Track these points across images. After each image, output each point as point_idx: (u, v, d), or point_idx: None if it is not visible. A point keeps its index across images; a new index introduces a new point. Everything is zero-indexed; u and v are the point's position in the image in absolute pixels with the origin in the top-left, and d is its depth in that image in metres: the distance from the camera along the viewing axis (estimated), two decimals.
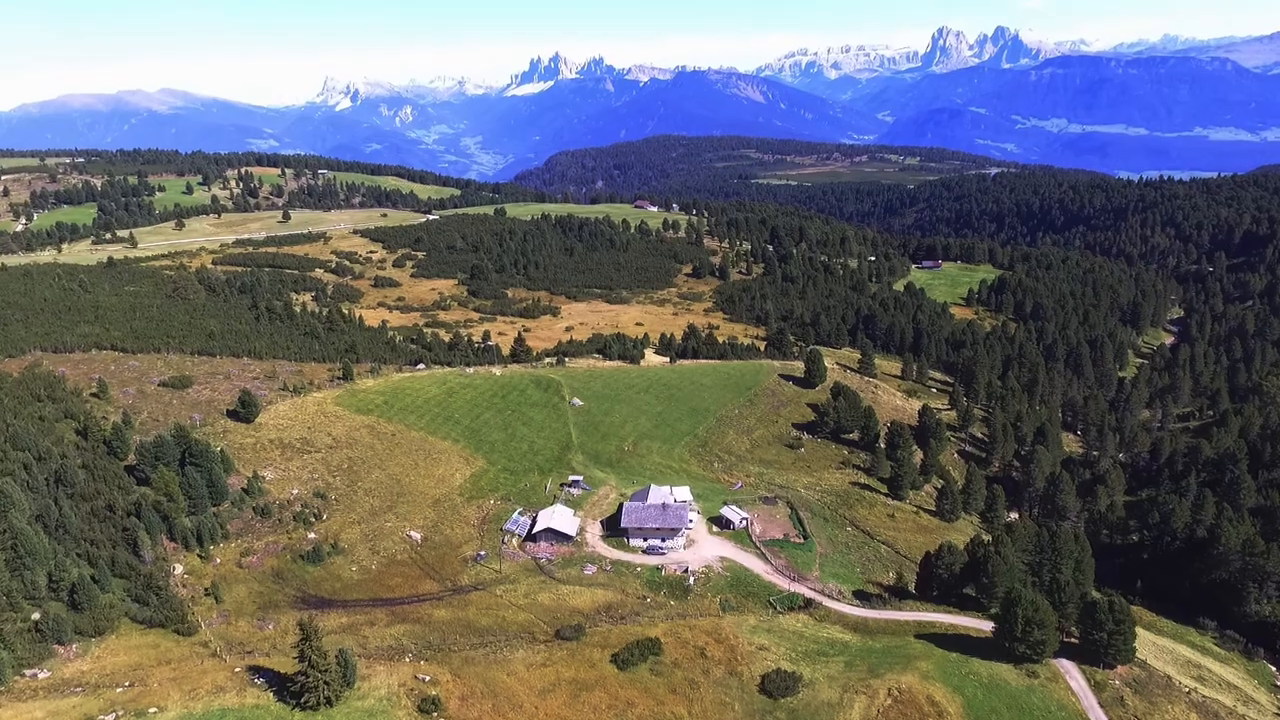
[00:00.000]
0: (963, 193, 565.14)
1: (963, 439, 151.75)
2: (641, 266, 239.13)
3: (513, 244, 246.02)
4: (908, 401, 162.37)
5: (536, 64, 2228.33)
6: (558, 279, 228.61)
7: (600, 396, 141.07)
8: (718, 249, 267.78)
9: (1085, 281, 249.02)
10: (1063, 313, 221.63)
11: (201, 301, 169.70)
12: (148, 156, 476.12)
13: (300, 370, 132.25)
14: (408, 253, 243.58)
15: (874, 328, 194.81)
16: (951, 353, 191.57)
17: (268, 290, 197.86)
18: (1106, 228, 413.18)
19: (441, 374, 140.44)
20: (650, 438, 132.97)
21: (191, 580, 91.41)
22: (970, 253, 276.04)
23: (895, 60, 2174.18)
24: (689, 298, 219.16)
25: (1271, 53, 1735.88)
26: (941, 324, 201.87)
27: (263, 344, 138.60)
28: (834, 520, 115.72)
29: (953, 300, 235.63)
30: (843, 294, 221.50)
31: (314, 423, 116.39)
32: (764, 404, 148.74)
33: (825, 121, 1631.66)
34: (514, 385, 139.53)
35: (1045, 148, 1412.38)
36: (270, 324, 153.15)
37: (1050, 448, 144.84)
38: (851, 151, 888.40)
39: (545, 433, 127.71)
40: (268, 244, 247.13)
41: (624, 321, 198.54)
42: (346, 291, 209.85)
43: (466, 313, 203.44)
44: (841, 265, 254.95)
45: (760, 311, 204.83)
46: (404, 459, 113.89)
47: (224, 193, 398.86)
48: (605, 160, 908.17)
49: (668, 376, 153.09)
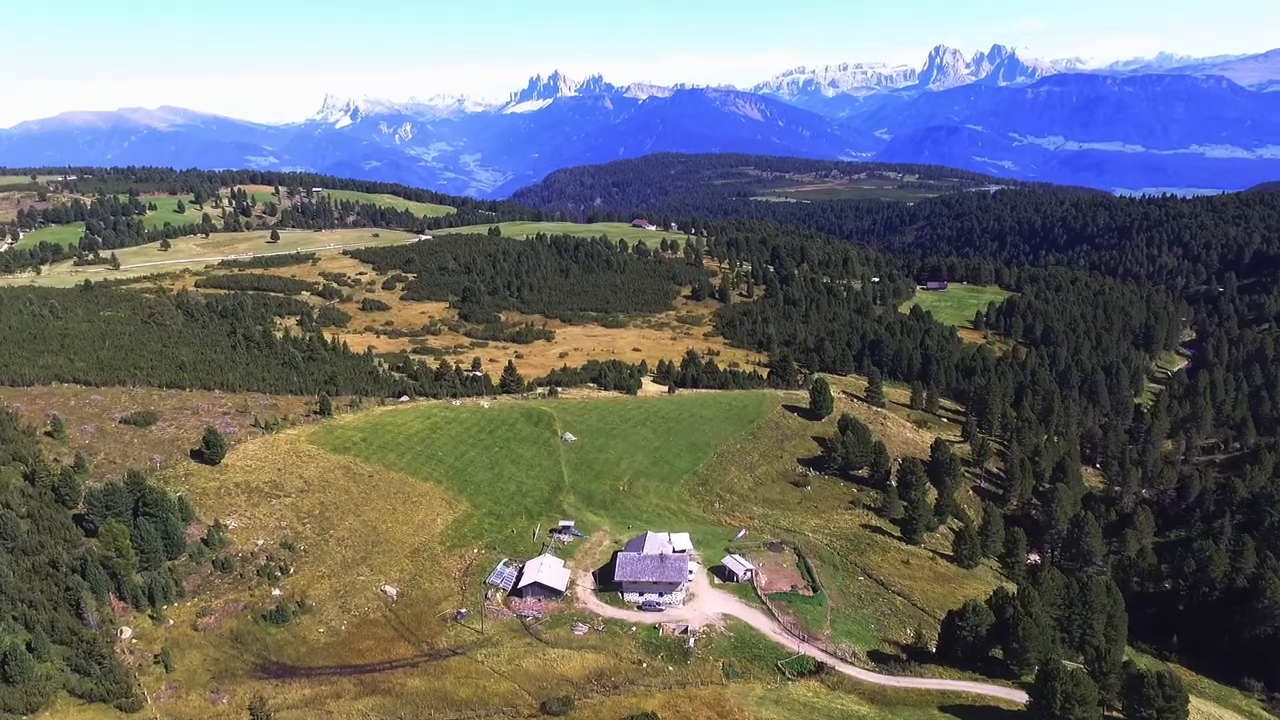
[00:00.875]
0: (963, 210, 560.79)
1: (977, 474, 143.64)
2: (639, 288, 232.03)
3: (506, 265, 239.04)
4: (918, 433, 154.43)
5: (536, 82, 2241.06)
6: (552, 301, 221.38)
7: (594, 431, 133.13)
8: (717, 270, 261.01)
9: (1096, 304, 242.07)
10: (1074, 336, 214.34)
11: (178, 328, 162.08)
12: (141, 174, 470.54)
13: (275, 404, 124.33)
14: (398, 274, 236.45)
15: (880, 353, 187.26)
16: (962, 380, 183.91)
17: (250, 315, 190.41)
18: (1111, 246, 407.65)
19: (426, 407, 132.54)
20: (647, 476, 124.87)
21: (140, 645, 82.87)
22: (976, 273, 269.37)
23: (892, 78, 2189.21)
24: (688, 321, 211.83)
25: (1266, 71, 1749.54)
26: (950, 349, 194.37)
27: (237, 375, 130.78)
28: (845, 568, 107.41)
29: (960, 323, 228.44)
30: (847, 317, 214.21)
31: (285, 464, 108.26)
32: (767, 438, 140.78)
33: (823, 139, 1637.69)
34: (503, 419, 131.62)
35: (1042, 165, 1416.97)
36: (247, 353, 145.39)
37: (1071, 484, 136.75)
38: (850, 169, 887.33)
39: (535, 471, 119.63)
40: (254, 265, 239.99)
41: (620, 346, 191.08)
42: (333, 315, 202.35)
43: (457, 337, 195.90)
44: (845, 287, 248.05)
45: (762, 336, 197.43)
46: (381, 503, 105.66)
47: (216, 211, 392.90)
48: (604, 178, 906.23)
49: (666, 408, 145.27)
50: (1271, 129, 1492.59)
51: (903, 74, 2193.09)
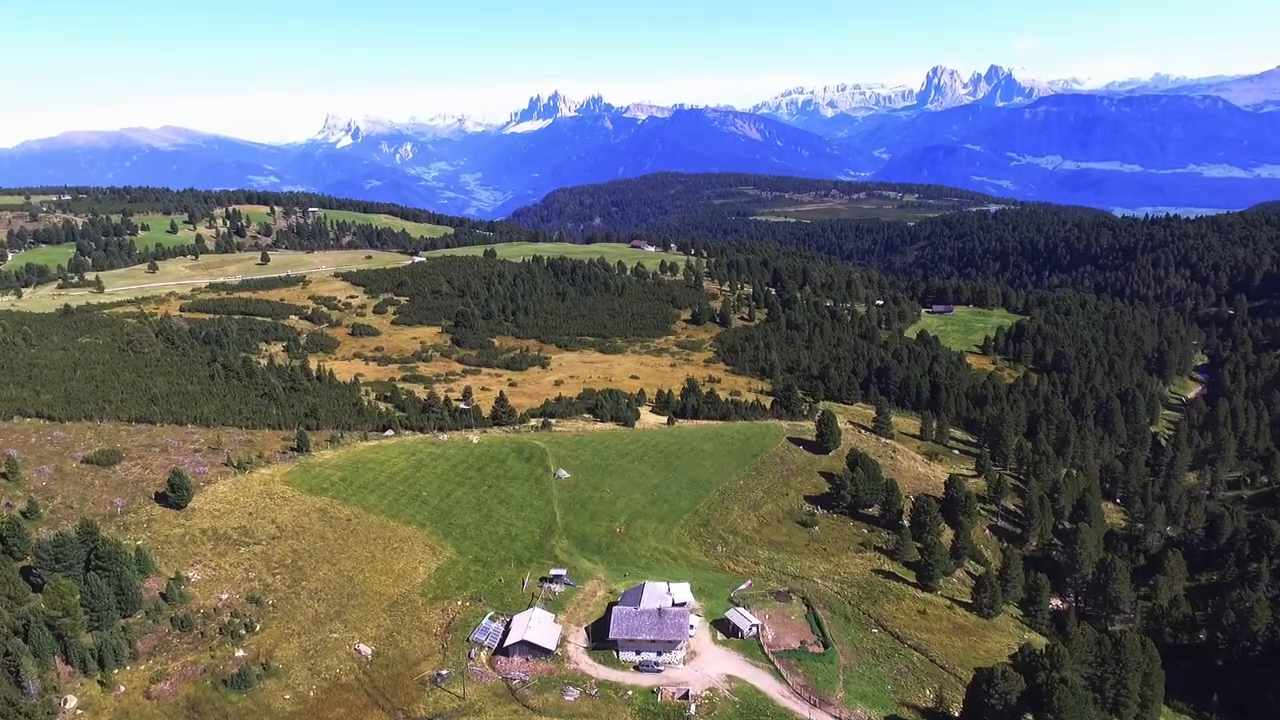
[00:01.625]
0: (964, 230, 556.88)
1: (994, 512, 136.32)
2: (637, 312, 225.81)
3: (501, 288, 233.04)
4: (930, 467, 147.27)
5: (536, 102, 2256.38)
6: (548, 326, 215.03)
7: (590, 467, 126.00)
8: (718, 293, 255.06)
9: (1106, 328, 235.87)
10: (1086, 362, 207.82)
11: (156, 356, 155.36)
12: (136, 194, 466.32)
13: (251, 439, 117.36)
14: (390, 298, 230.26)
15: (888, 381, 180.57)
16: (972, 408, 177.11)
17: (235, 341, 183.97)
18: (1116, 267, 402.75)
19: (412, 442, 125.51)
20: (645, 516, 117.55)
21: (86, 716, 75.25)
22: (982, 296, 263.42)
23: (891, 99, 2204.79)
24: (688, 347, 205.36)
25: (1261, 91, 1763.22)
26: (959, 376, 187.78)
27: (212, 408, 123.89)
28: (857, 620, 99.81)
29: (968, 348, 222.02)
30: (851, 343, 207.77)
31: (257, 507, 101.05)
32: (772, 473, 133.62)
33: (822, 158, 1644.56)
34: (493, 455, 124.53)
35: (1041, 184, 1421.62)
36: (226, 383, 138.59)
37: (1093, 523, 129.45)
38: (850, 188, 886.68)
39: (526, 513, 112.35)
40: (242, 288, 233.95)
41: (618, 374, 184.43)
42: (321, 341, 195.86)
43: (449, 364, 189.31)
44: (848, 310, 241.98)
45: (765, 363, 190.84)
46: (359, 550, 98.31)
47: (210, 232, 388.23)
48: (603, 197, 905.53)
49: (665, 442, 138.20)
50: (1268, 148, 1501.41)
51: (901, 94, 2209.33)
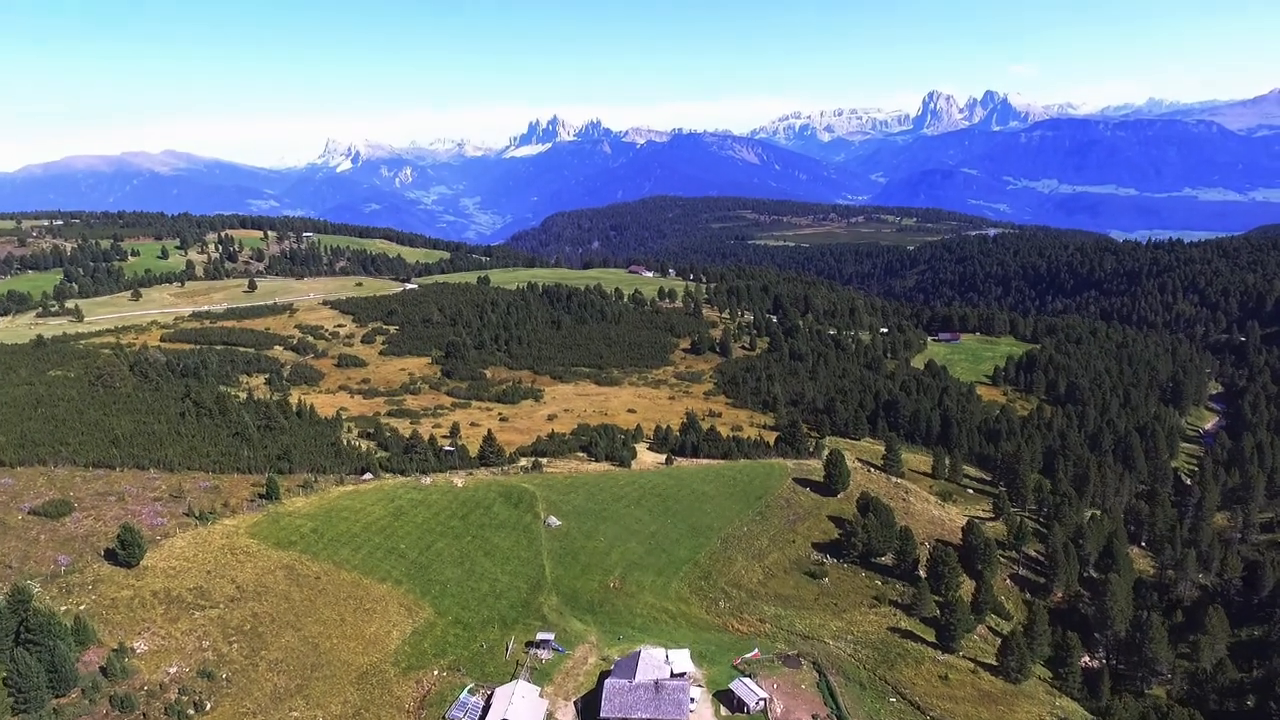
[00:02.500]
0: (965, 254, 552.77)
1: (1015, 559, 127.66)
2: (635, 342, 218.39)
3: (494, 317, 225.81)
4: (944, 509, 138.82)
5: (535, 126, 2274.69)
6: (542, 356, 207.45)
7: (582, 513, 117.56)
8: (718, 320, 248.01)
9: (1119, 357, 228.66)
10: (1101, 393, 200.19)
11: (127, 391, 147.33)
12: (129, 219, 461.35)
13: (217, 486, 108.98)
14: (379, 327, 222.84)
15: (896, 415, 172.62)
16: (985, 444, 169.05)
17: (214, 373, 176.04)
18: (1120, 292, 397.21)
19: (392, 487, 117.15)
20: (642, 568, 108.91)
21: None
22: (989, 324, 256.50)
23: (887, 123, 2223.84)
24: (687, 378, 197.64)
25: (1254, 116, 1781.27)
26: (971, 409, 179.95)
27: (178, 451, 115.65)
28: (873, 687, 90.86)
29: (977, 378, 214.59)
30: (857, 373, 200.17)
31: (217, 564, 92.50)
32: (778, 518, 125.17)
33: (819, 182, 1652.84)
34: (478, 500, 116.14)
35: (1037, 208, 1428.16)
36: (196, 421, 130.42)
37: (1122, 572, 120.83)
38: (848, 212, 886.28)
39: (512, 565, 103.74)
40: (227, 317, 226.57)
41: (614, 407, 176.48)
42: (305, 373, 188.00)
43: (438, 397, 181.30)
44: (852, 338, 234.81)
45: (767, 395, 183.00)
46: (327, 612, 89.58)
47: (201, 257, 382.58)
48: (601, 221, 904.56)
49: (663, 484, 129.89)
50: (1262, 172, 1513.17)
51: (897, 119, 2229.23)
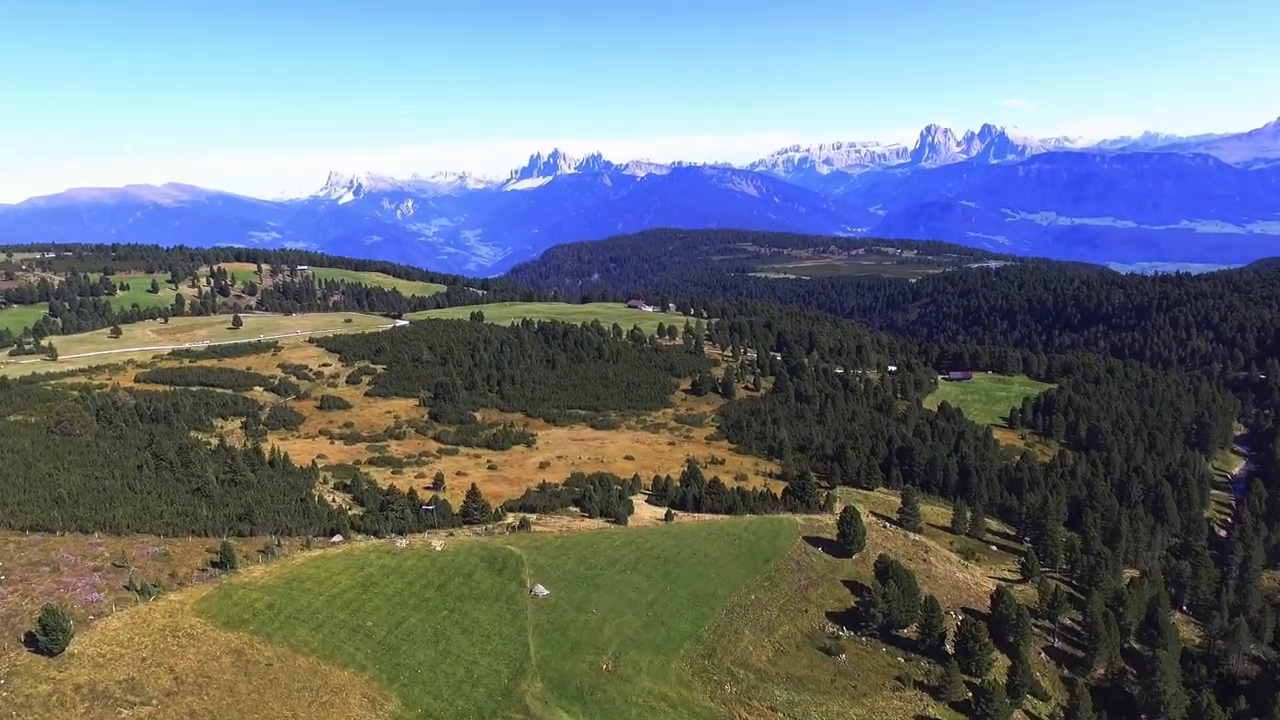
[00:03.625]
0: (968, 288, 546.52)
1: (1049, 629, 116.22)
2: (633, 382, 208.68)
3: (487, 355, 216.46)
4: (969, 571, 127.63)
5: (536, 160, 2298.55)
6: (535, 398, 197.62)
7: (573, 580, 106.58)
8: (719, 359, 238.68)
9: (1140, 397, 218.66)
10: (1124, 437, 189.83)
11: (86, 440, 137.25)
12: (122, 252, 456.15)
13: (166, 553, 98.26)
14: (365, 366, 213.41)
15: (911, 462, 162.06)
16: (1006, 494, 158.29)
17: (187, 417, 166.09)
18: (1130, 327, 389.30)
19: (362, 551, 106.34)
20: (638, 645, 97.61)
21: None
22: (1002, 362, 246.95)
23: (886, 156, 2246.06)
24: (687, 421, 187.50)
25: (1250, 150, 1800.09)
26: (989, 456, 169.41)
27: (128, 511, 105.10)
28: None
29: (992, 420, 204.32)
30: (867, 416, 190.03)
31: (155, 650, 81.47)
32: (788, 584, 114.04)
33: (819, 215, 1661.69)
34: (457, 567, 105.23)
35: (1036, 240, 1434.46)
36: (156, 475, 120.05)
37: (1169, 645, 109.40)
38: (848, 244, 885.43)
39: (493, 645, 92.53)
40: (208, 355, 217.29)
41: (610, 453, 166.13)
42: (284, 416, 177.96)
43: (424, 442, 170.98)
44: (860, 377, 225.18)
45: (773, 441, 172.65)
46: (278, 707, 78.28)
47: (192, 291, 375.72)
48: (601, 253, 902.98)
49: (662, 544, 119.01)
50: (1259, 205, 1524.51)
51: (895, 152, 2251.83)
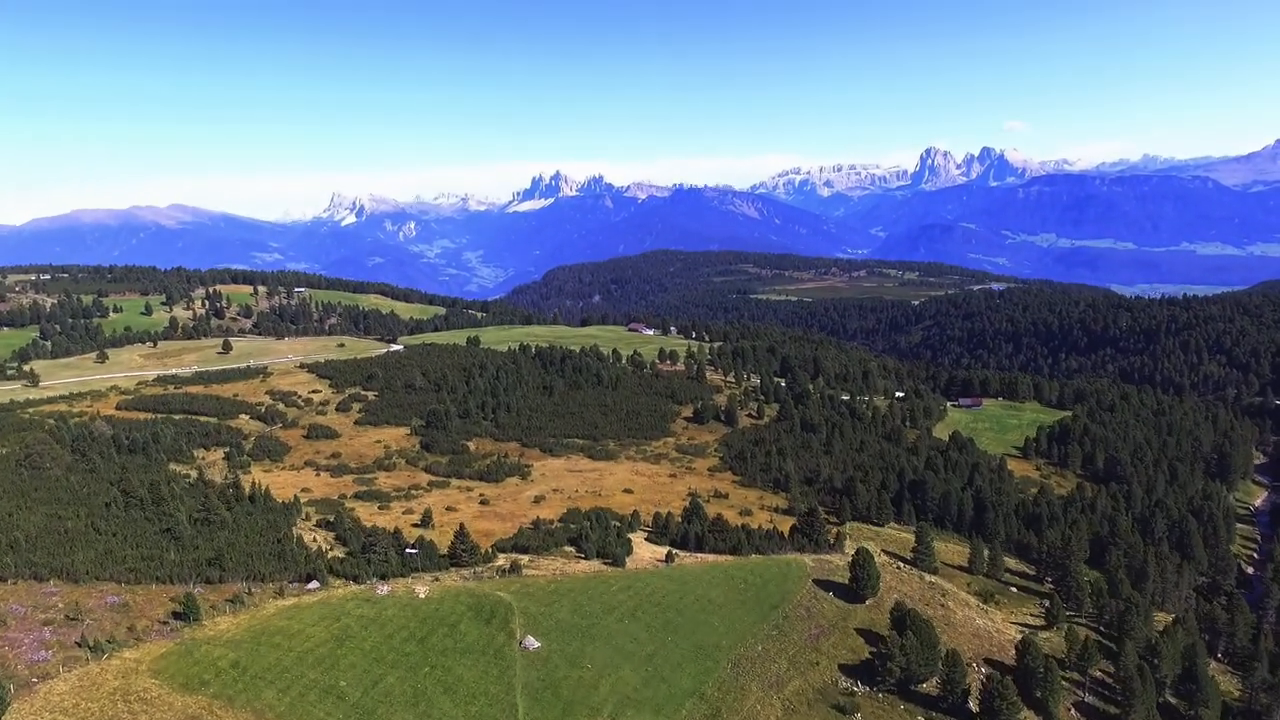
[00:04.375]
0: (971, 310, 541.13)
1: (1079, 682, 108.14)
2: (633, 409, 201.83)
3: (482, 381, 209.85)
4: (989, 616, 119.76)
5: (538, 182, 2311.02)
6: (531, 426, 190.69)
7: (567, 630, 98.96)
8: (722, 385, 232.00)
9: (1158, 425, 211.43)
10: (1143, 468, 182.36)
11: (56, 474, 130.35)
12: (118, 274, 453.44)
13: (127, 603, 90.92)
14: (356, 393, 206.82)
15: (924, 496, 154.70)
16: (1024, 530, 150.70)
17: (167, 448, 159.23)
18: (1138, 351, 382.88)
19: (340, 599, 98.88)
20: (637, 705, 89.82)
21: None
22: (1013, 388, 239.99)
23: (886, 178, 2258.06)
24: (689, 451, 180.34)
25: (1248, 172, 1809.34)
26: (1005, 489, 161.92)
27: (89, 556, 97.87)
28: None
29: (1006, 450, 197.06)
30: (876, 446, 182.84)
31: (103, 717, 73.91)
32: (798, 633, 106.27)
33: (819, 236, 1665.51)
34: (442, 616, 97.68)
35: (1036, 262, 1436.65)
36: (125, 514, 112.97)
37: (1210, 702, 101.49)
38: (850, 266, 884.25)
39: (478, 706, 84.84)
40: (195, 381, 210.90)
41: (609, 486, 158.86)
42: (270, 446, 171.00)
43: (414, 474, 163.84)
44: (867, 404, 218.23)
45: (778, 472, 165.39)
46: None
47: (186, 313, 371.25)
48: (603, 275, 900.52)
49: (663, 588, 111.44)
50: (1259, 227, 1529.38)
51: (895, 174, 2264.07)
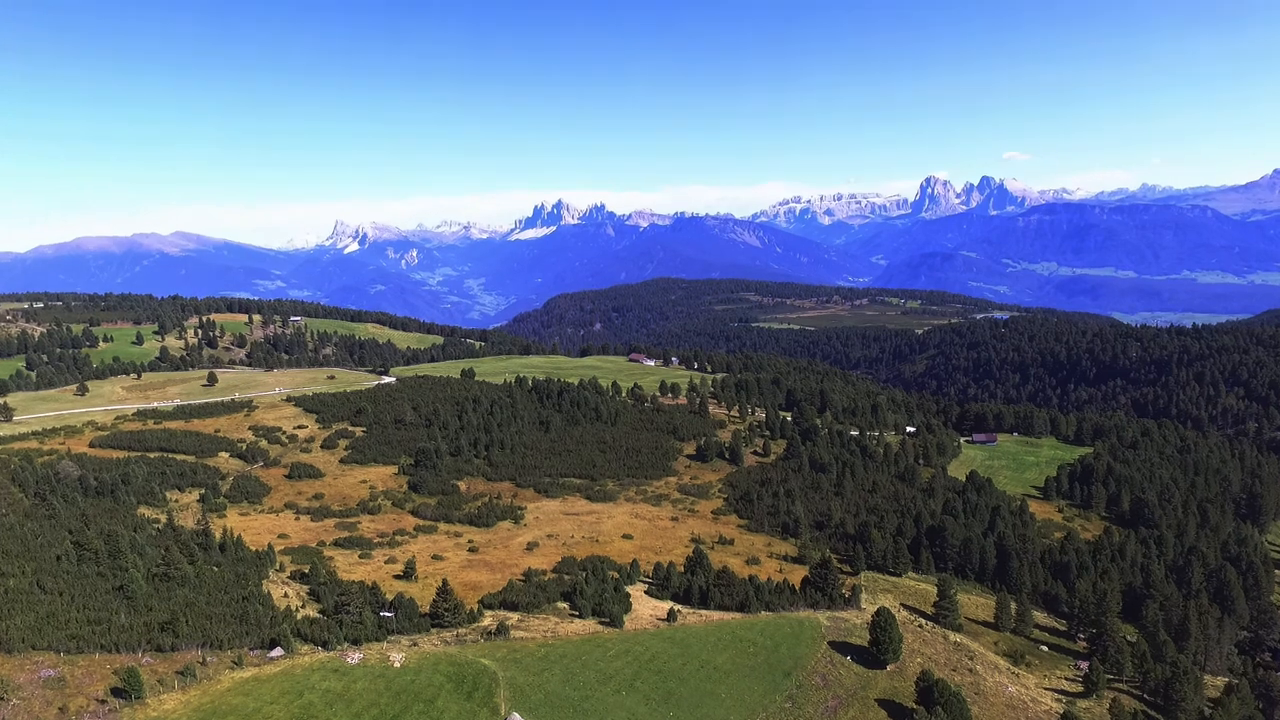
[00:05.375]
0: (976, 339, 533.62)
1: None
2: (633, 447, 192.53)
3: (475, 417, 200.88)
4: (1021, 682, 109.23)
5: (540, 210, 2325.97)
6: (526, 465, 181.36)
7: (558, 703, 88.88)
8: (725, 419, 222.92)
9: (1183, 463, 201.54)
10: (1171, 509, 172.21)
11: (10, 523, 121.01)
12: (112, 301, 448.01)
13: (63, 676, 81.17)
14: (344, 429, 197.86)
15: (943, 543, 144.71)
16: (1051, 579, 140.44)
17: (138, 489, 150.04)
18: (1150, 382, 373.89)
19: (305, 669, 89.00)
20: None
21: None
22: (1028, 423, 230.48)
23: (886, 207, 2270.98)
24: (692, 492, 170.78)
25: (1247, 201, 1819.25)
26: (1029, 535, 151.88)
27: (27, 620, 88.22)
28: None
29: (1025, 490, 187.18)
30: (889, 486, 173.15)
31: None
32: (813, 704, 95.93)
33: (820, 265, 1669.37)
34: (418, 690, 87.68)
35: (1037, 290, 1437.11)
36: (76, 568, 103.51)
37: None
38: (852, 294, 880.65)
39: None
40: (176, 416, 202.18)
41: (607, 530, 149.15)
42: (249, 487, 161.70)
43: (400, 517, 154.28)
44: (877, 441, 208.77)
45: (787, 516, 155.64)
46: None
47: (178, 343, 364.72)
48: (604, 303, 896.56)
49: (664, 653, 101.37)
50: (1259, 255, 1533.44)
51: (895, 203, 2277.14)
